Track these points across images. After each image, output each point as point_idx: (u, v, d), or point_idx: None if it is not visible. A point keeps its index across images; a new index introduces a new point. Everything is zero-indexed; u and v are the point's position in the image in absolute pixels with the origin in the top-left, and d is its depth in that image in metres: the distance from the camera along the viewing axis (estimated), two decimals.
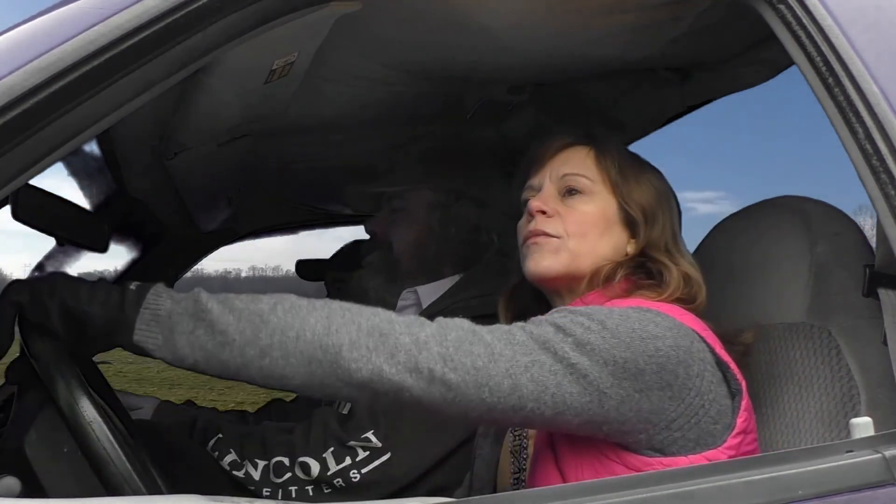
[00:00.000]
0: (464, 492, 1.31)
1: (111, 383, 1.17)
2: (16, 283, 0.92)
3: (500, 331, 0.94)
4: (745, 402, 1.01)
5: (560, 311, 0.99)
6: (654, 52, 1.40)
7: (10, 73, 0.80)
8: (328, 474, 1.38)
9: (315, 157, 1.92)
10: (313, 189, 2.28)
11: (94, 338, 0.92)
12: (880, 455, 0.81)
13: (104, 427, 0.89)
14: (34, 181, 0.93)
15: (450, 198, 1.65)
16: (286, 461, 1.41)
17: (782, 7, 0.99)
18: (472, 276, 1.61)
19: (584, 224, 1.14)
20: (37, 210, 1.13)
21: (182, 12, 0.85)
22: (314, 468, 1.39)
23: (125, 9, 0.84)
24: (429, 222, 1.64)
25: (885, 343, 0.97)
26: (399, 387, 0.88)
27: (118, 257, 2.21)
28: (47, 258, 1.76)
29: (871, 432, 0.84)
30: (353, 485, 1.38)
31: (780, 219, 1.24)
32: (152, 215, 2.06)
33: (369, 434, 1.40)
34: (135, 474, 0.89)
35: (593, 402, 0.91)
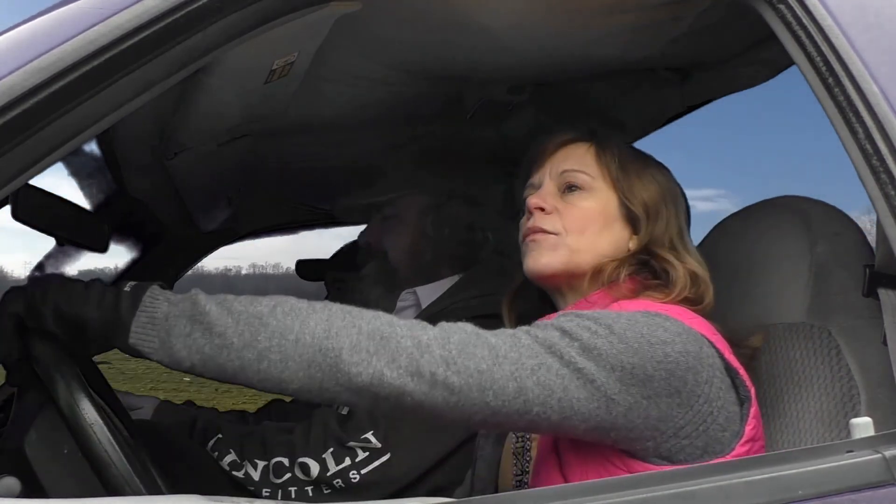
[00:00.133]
0: (465, 491, 1.31)
1: (115, 380, 1.17)
2: (11, 292, 0.91)
3: (504, 334, 0.92)
4: (755, 409, 0.99)
5: (566, 314, 0.98)
6: (654, 52, 1.39)
7: (10, 73, 0.80)
8: (328, 475, 1.38)
9: (315, 157, 1.91)
10: (313, 189, 2.27)
11: (91, 340, 0.91)
12: (880, 455, 0.81)
13: (105, 429, 0.89)
14: (34, 181, 0.93)
15: (440, 199, 1.65)
16: (286, 461, 1.41)
17: (782, 7, 0.99)
18: (472, 276, 1.61)
19: (582, 220, 1.12)
20: (37, 210, 1.13)
21: (182, 12, 0.85)
22: (314, 469, 1.39)
23: (125, 9, 0.84)
24: (422, 226, 1.64)
25: (885, 343, 0.97)
26: (400, 391, 0.86)
27: (118, 255, 2.21)
28: (47, 258, 1.75)
29: (871, 432, 0.84)
30: (353, 485, 1.38)
31: (780, 219, 1.24)
32: (152, 215, 2.05)
33: (369, 435, 1.40)
34: (135, 475, 0.88)
35: (601, 408, 0.90)
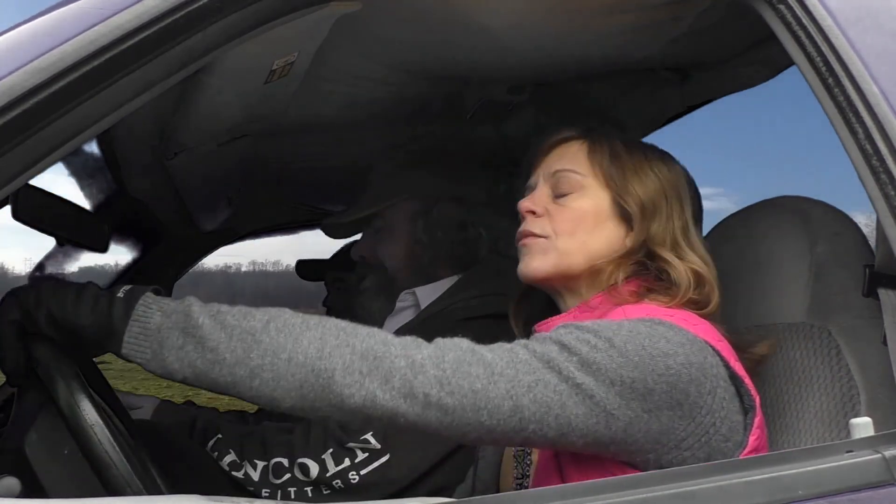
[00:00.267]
0: (467, 489, 1.31)
1: (118, 379, 1.17)
2: (7, 297, 0.91)
3: (501, 349, 0.91)
4: (759, 418, 0.97)
5: (566, 326, 0.95)
6: (654, 52, 1.39)
7: (10, 73, 0.80)
8: (327, 475, 1.38)
9: (315, 157, 1.91)
10: (313, 189, 2.28)
11: (86, 344, 0.90)
12: (880, 455, 0.81)
13: (105, 430, 0.89)
14: (34, 181, 0.93)
15: (428, 202, 1.64)
16: (285, 462, 1.41)
17: (782, 7, 0.99)
18: (471, 276, 1.61)
19: (572, 221, 1.10)
20: (37, 210, 1.13)
21: (182, 12, 0.85)
22: (313, 469, 1.38)
23: (125, 9, 0.84)
24: (414, 232, 1.64)
25: (885, 343, 0.97)
26: (393, 412, 0.86)
27: (118, 252, 2.21)
28: (48, 258, 1.76)
29: (871, 432, 0.84)
30: (352, 486, 1.38)
31: (780, 219, 1.24)
32: (152, 215, 2.05)
33: (368, 436, 1.40)
34: (135, 475, 0.88)
35: (600, 424, 0.88)
